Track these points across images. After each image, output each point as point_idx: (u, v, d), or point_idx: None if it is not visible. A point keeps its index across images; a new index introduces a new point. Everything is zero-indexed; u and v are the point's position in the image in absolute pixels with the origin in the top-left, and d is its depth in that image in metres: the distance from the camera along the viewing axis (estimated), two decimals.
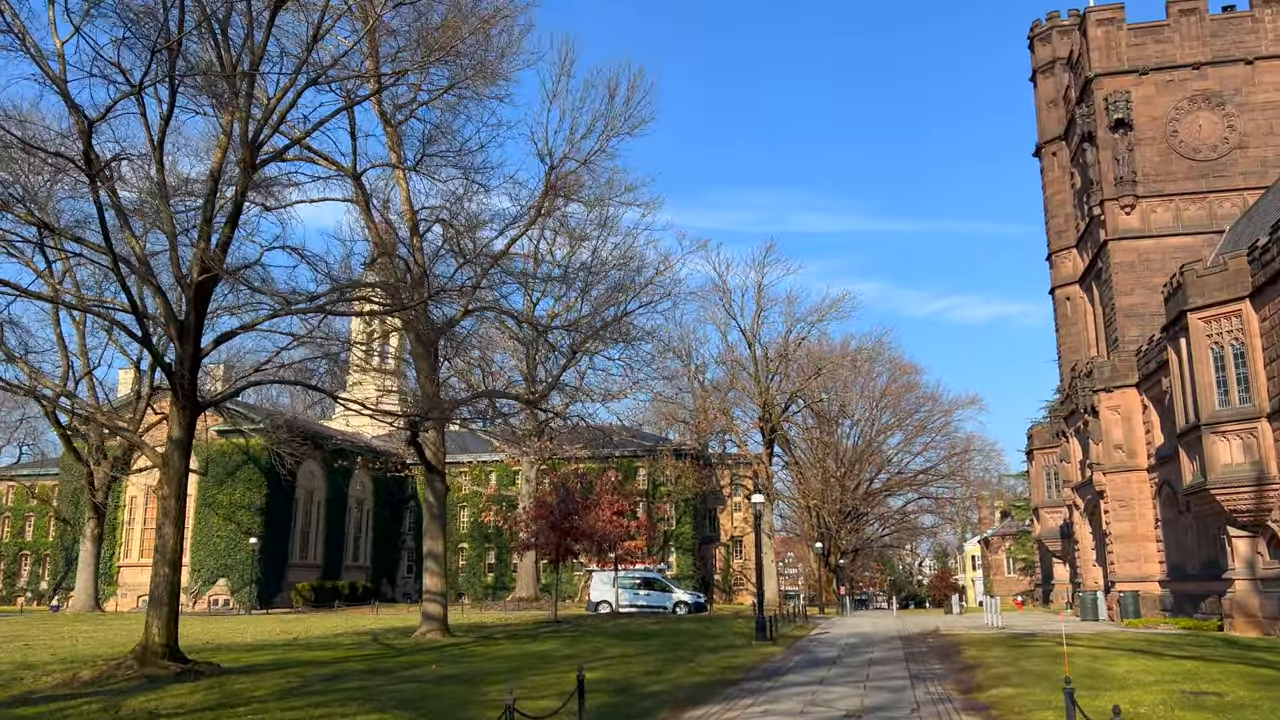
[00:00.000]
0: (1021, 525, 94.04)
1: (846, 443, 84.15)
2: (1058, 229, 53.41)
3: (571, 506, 36.34)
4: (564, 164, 28.08)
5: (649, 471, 76.59)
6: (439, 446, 26.56)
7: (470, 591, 79.01)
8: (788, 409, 72.42)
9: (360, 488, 78.86)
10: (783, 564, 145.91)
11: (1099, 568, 47.07)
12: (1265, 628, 28.76)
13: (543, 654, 20.83)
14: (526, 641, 24.49)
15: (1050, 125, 54.03)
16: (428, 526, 26.80)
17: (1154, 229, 44.76)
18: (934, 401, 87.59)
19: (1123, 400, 42.47)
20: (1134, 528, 41.83)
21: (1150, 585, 40.98)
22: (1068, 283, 52.49)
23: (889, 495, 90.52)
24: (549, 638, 26.19)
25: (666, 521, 77.04)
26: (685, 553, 77.23)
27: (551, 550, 36.36)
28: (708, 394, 72.41)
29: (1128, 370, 42.14)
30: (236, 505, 65.59)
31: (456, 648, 22.51)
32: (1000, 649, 24.20)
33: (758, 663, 21.21)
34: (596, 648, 22.73)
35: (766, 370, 71.54)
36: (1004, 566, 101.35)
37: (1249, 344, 29.45)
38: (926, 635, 32.47)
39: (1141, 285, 44.51)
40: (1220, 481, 29.52)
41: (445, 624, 26.25)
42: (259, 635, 28.77)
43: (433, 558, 26.47)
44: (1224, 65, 44.94)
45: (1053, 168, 53.80)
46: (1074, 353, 51.37)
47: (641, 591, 48.07)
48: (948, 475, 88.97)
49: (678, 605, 47.95)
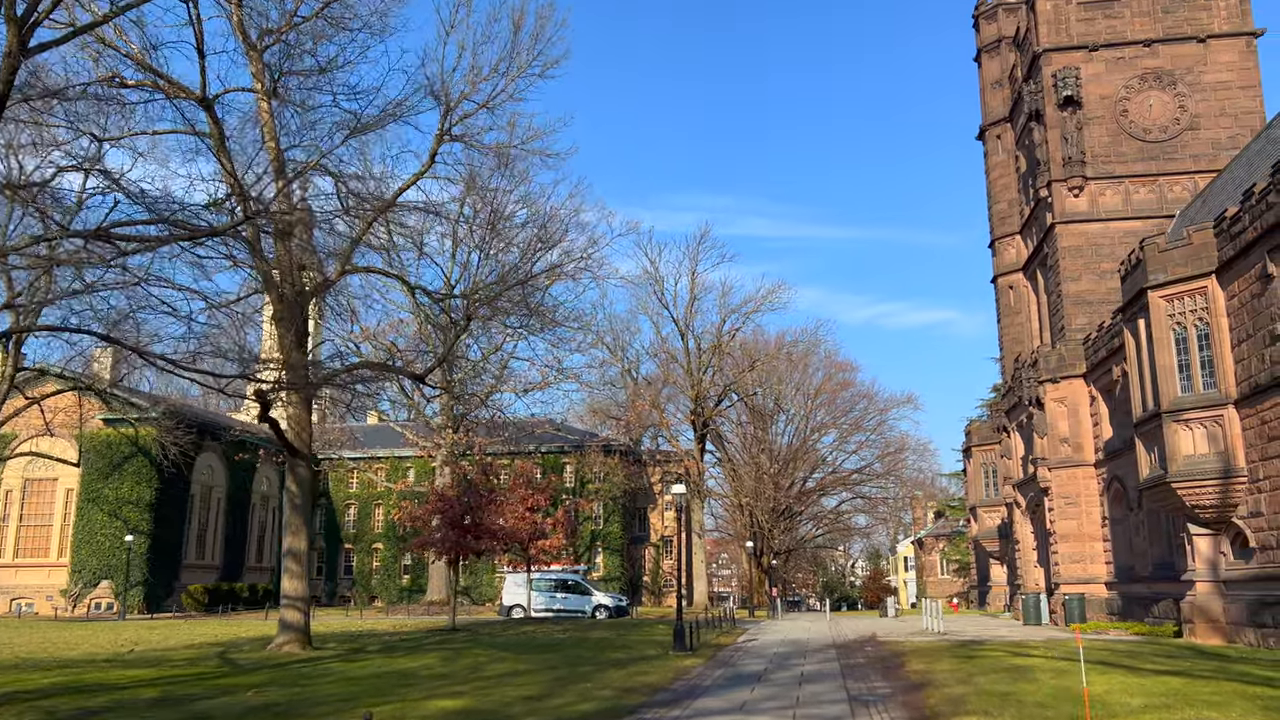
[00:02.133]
0: (956, 526, 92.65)
1: (781, 440, 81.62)
2: (1001, 215, 51.17)
3: (475, 501, 32.54)
4: (461, 105, 24.41)
5: (576, 468, 72.97)
6: (304, 426, 22.64)
7: (384, 595, 74.51)
8: (720, 402, 69.56)
9: (266, 483, 73.73)
10: (715, 565, 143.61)
11: (1041, 569, 44.80)
12: (1229, 634, 26.29)
13: (406, 673, 17.17)
14: (400, 655, 20.79)
15: (995, 107, 51.81)
16: (288, 520, 22.83)
17: (1103, 212, 42.60)
18: (869, 400, 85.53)
19: (1069, 391, 40.15)
20: (1080, 526, 39.52)
21: (1096, 588, 38.68)
22: (1011, 270, 50.27)
23: (823, 495, 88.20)
24: (432, 650, 22.52)
25: (594, 521, 73.52)
26: (613, 553, 73.74)
27: (451, 549, 32.52)
28: (640, 387, 69.15)
29: (1075, 359, 39.83)
30: (124, 501, 60.17)
31: (307, 665, 18.71)
32: (949, 661, 21.14)
33: (669, 681, 17.80)
34: (477, 664, 19.14)
35: (699, 363, 68.58)
36: (938, 568, 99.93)
37: (1215, 324, 26.99)
38: (864, 642, 29.45)
39: (1089, 271, 42.31)
40: (1182, 474, 27.00)
41: (307, 634, 22.28)
42: (95, 647, 24.54)
43: (293, 556, 22.46)
44: (1176, 43, 42.99)
45: (996, 151, 51.57)
46: (1017, 344, 49.15)
47: (558, 595, 44.41)
48: (882, 475, 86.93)
49: (597, 609, 44.40)
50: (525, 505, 38.64)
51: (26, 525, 61.26)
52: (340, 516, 78.76)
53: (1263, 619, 24.82)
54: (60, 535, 60.84)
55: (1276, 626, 24.21)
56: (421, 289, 25.02)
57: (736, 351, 69.64)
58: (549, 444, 71.64)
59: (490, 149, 24.19)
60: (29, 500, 61.49)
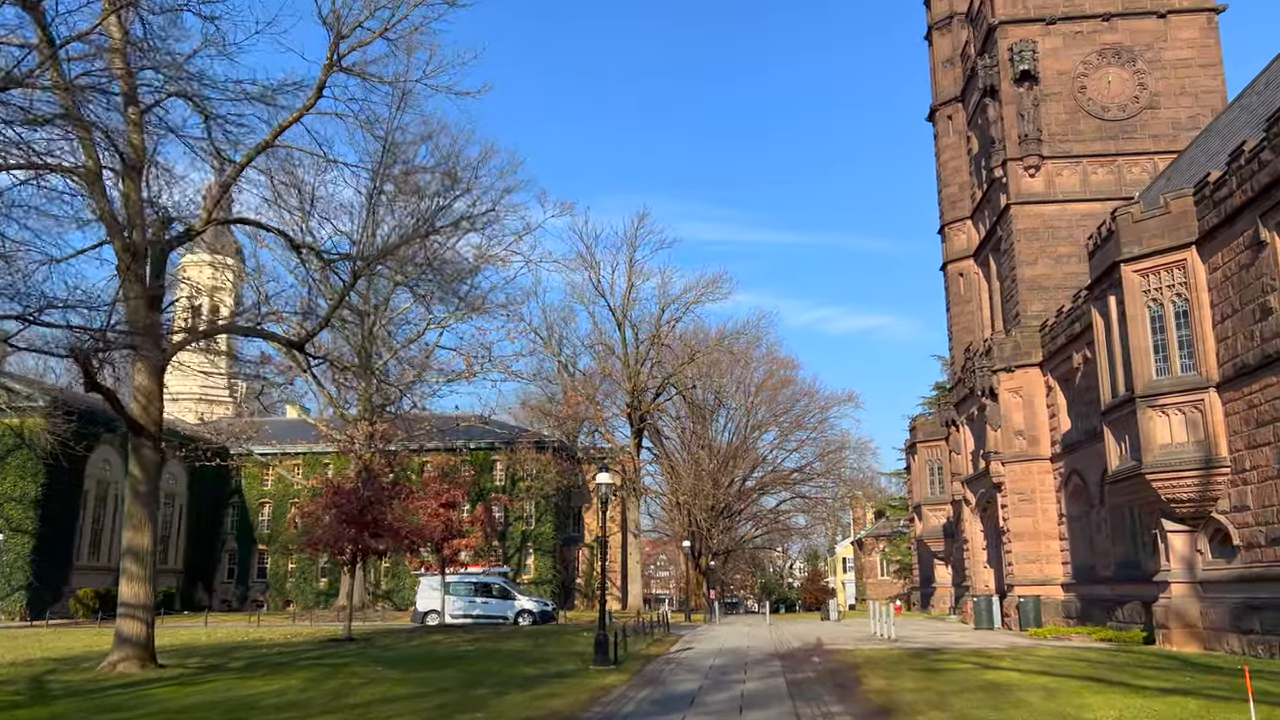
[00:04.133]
0: (897, 526, 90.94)
1: (721, 438, 78.90)
2: (951, 199, 48.93)
3: (376, 495, 28.81)
4: (355, 33, 20.91)
5: (507, 465, 69.16)
6: (152, 399, 18.84)
7: (300, 599, 69.83)
8: (659, 396, 66.49)
9: (171, 480, 68.40)
10: (654, 566, 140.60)
11: (991, 570, 42.53)
12: (1207, 640, 23.93)
13: (249, 702, 13.68)
14: (259, 676, 17.23)
15: (946, 86, 49.58)
16: (129, 511, 18.96)
17: (1060, 193, 40.47)
18: (810, 397, 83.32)
19: (1025, 381, 37.86)
20: (1035, 524, 37.22)
21: (1053, 589, 36.40)
22: (961, 257, 48.03)
23: (762, 494, 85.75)
24: (304, 668, 18.97)
25: (525, 521, 69.82)
26: (545, 555, 70.08)
27: (345, 548, 28.74)
28: (575, 381, 65.79)
29: (1031, 347, 37.56)
30: (6, 498, 54.99)
31: (130, 691, 15.07)
32: (912, 676, 18.24)
33: (583, 705, 14.57)
34: (346, 687, 15.70)
35: (637, 355, 65.47)
36: (878, 569, 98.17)
37: (1195, 300, 24.63)
38: (810, 651, 26.54)
39: (1045, 255, 40.15)
40: (1159, 465, 24.58)
41: (148, 649, 18.42)
42: None
43: (133, 555, 18.59)
44: (1135, 18, 41.07)
45: (947, 132, 49.33)
46: (967, 333, 46.92)
47: (478, 599, 40.74)
48: (822, 474, 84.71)
49: (520, 615, 40.87)
50: (439, 501, 35.09)
51: None
52: (254, 516, 73.89)
53: (1248, 624, 22.43)
54: None
55: (1265, 633, 21.82)
56: (309, 246, 21.36)
57: (675, 343, 66.71)
58: (478, 439, 67.82)
59: (387, 81, 20.76)
60: None
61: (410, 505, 32.16)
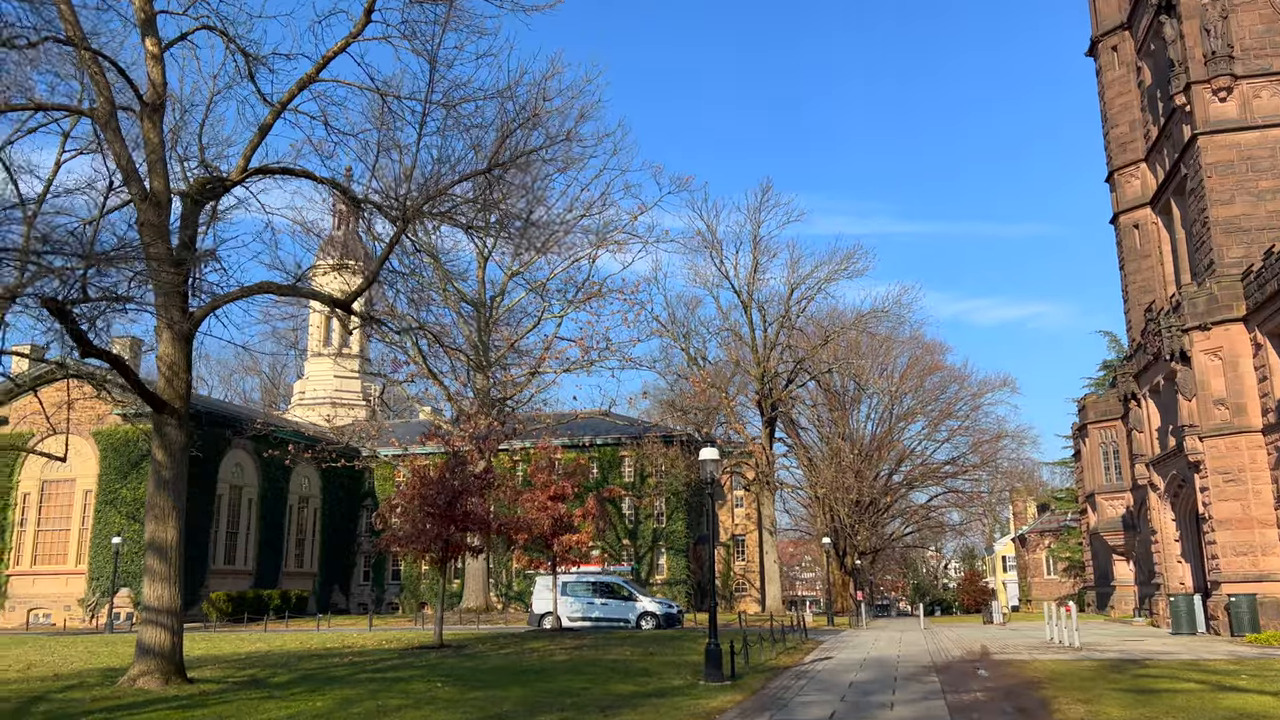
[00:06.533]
0: (1064, 520, 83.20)
1: (864, 429, 73.60)
2: (1120, 140, 42.69)
3: (464, 485, 25.82)
4: None
5: (635, 461, 66.11)
6: (177, 371, 16.31)
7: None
8: (790, 383, 61.90)
9: (305, 483, 68.70)
10: (798, 567, 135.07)
11: (1187, 564, 36.42)
12: None
13: None
14: (296, 693, 14.36)
15: (1109, 12, 43.36)
16: (150, 499, 16.43)
17: (1258, 117, 34.14)
18: (961, 383, 77.01)
19: (1225, 340, 31.87)
20: (1245, 509, 31.18)
21: (1271, 586, 30.34)
22: (1135, 206, 41.75)
23: (911, 489, 79.81)
24: (358, 683, 16.05)
25: (656, 518, 66.55)
26: (677, 554, 66.59)
27: (431, 546, 25.83)
28: (702, 369, 62.10)
29: (1231, 300, 31.56)
30: (142, 502, 55.49)
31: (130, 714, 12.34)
32: (1118, 700, 13.76)
33: None
34: (380, 711, 12.53)
35: (765, 338, 61.19)
36: (1043, 567, 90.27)
37: None
38: (974, 662, 22.01)
39: (1244, 191, 33.89)
40: None
41: (175, 661, 15.82)
42: None
43: (155, 551, 16.02)
44: None
45: (1112, 65, 43.11)
46: (1146, 293, 40.69)
47: (597, 600, 37.56)
48: (976, 466, 78.09)
49: (643, 618, 37.44)
50: (547, 494, 32.06)
51: (44, 530, 57.19)
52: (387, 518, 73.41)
53: None
54: (78, 540, 56.62)
55: None
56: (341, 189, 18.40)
57: (808, 326, 62.08)
58: (604, 434, 65.08)
59: None
60: (46, 504, 57.45)
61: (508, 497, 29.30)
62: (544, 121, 24.75)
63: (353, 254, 45.93)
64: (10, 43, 12.73)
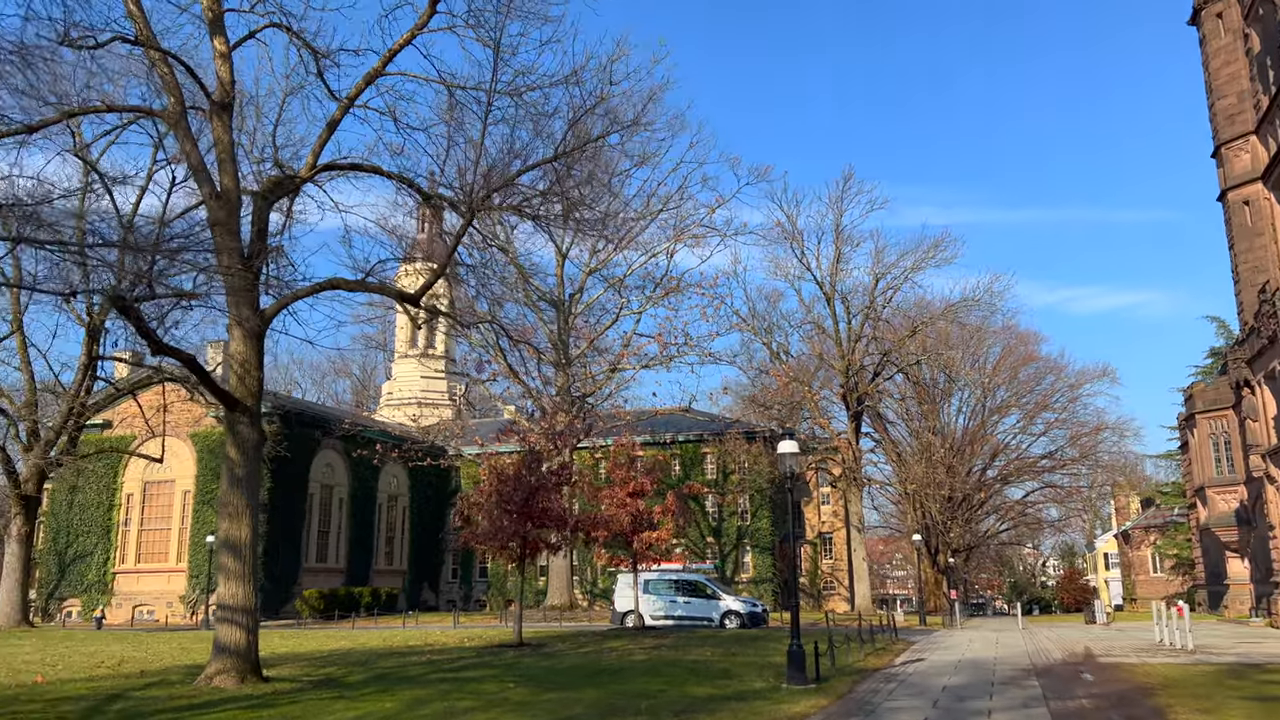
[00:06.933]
0: (1170, 515, 79.34)
1: (955, 423, 71.37)
2: (1227, 112, 40.20)
3: (540, 481, 25.52)
4: None
5: (718, 458, 65.35)
6: (250, 369, 16.29)
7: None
8: (877, 376, 60.29)
9: (394, 482, 69.89)
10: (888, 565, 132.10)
11: None
12: None
13: None
14: (368, 693, 14.15)
15: None
16: (223, 497, 16.40)
17: None
18: (1057, 374, 74.03)
19: None
20: None
21: None
22: (1245, 181, 39.25)
23: (1005, 484, 77.04)
24: (432, 683, 15.80)
25: (740, 516, 65.67)
26: (763, 552, 65.60)
27: (509, 542, 25.59)
28: (785, 364, 60.99)
29: None
30: None
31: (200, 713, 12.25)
32: (1244, 710, 12.61)
33: None
34: (449, 712, 12.18)
35: (850, 330, 59.74)
36: (1149, 564, 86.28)
37: None
38: (1077, 665, 20.76)
39: None
40: None
41: (251, 659, 15.85)
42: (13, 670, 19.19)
43: (229, 549, 16.01)
44: None
45: (1217, 33, 40.65)
46: (1259, 273, 38.22)
47: (680, 599, 36.97)
48: (1075, 460, 74.94)
49: (726, 616, 36.72)
50: (626, 490, 31.62)
51: (147, 529, 59.37)
52: (475, 516, 74.17)
53: None
54: (178, 539, 58.64)
55: None
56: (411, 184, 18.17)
57: (894, 317, 60.36)
58: (685, 431, 64.51)
59: None
60: (148, 504, 59.66)
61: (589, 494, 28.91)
62: (611, 106, 24.19)
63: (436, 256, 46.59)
64: (78, 43, 12.77)
